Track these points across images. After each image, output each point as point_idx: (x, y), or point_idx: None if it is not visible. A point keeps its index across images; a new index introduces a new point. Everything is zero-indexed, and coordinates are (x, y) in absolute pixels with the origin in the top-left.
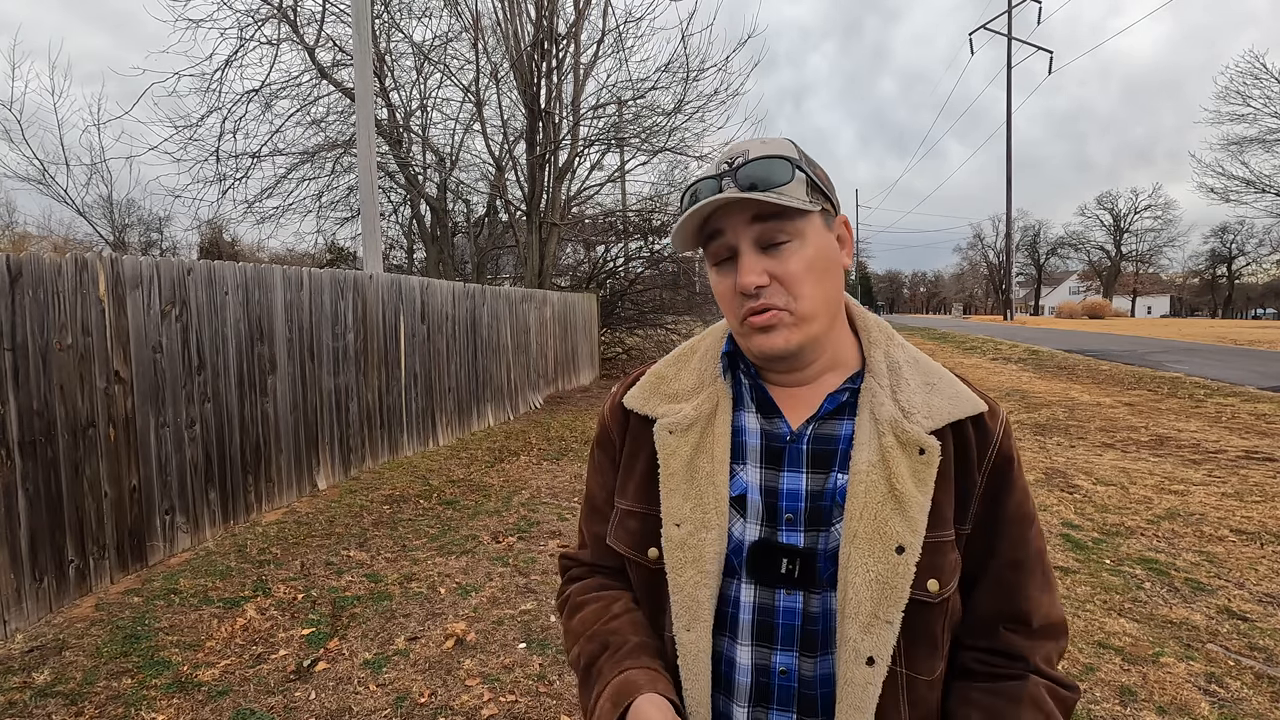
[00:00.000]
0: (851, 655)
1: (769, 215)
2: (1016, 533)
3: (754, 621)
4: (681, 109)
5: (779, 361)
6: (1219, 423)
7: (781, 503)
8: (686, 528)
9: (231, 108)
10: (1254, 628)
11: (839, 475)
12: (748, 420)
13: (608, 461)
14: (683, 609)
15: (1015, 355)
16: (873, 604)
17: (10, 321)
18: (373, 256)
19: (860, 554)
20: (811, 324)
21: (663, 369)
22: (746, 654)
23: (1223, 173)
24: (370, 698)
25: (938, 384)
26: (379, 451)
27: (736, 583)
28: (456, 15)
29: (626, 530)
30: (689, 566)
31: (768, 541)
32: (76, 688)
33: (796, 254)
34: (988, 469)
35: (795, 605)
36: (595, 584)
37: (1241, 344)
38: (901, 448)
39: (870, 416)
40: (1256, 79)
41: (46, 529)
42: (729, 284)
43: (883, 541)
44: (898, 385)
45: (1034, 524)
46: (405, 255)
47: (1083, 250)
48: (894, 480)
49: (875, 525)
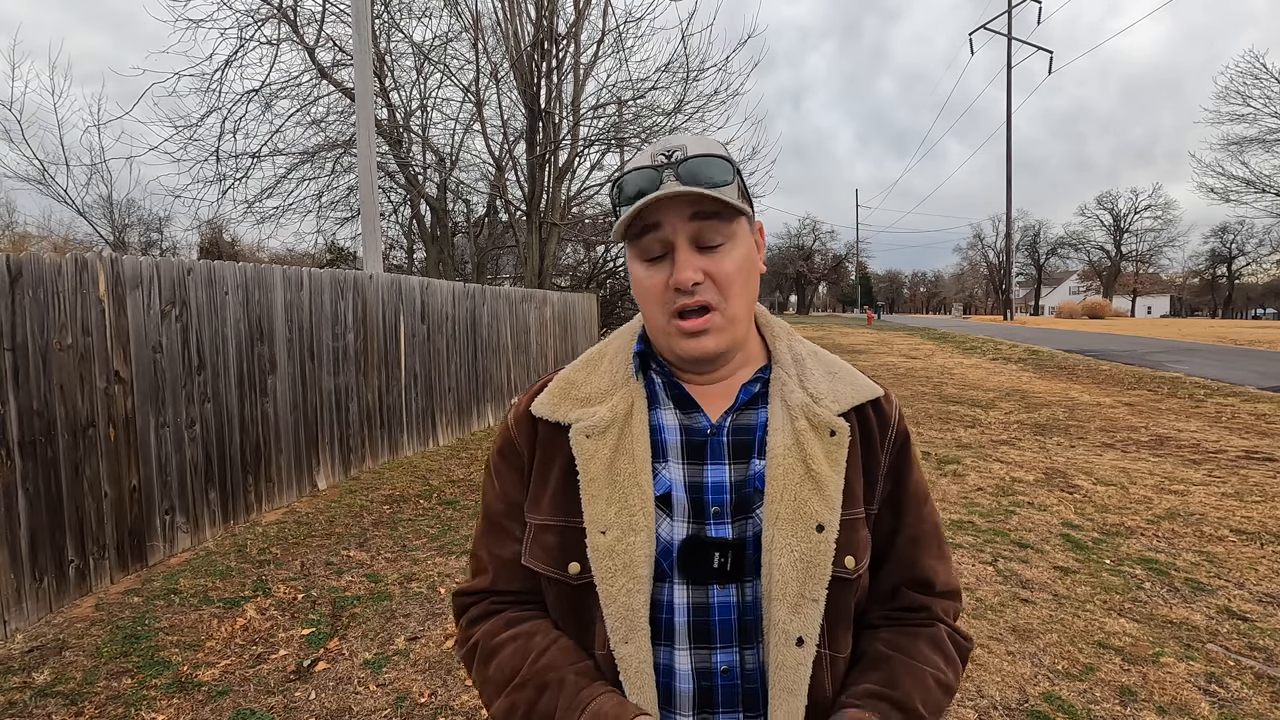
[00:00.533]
0: (781, 638)
1: (708, 214)
2: (916, 509)
3: (690, 624)
4: (681, 109)
5: (704, 365)
6: (1219, 423)
7: (707, 496)
8: (613, 533)
9: (231, 108)
10: (1254, 628)
11: (758, 461)
12: (665, 417)
13: (513, 475)
14: (618, 621)
15: (1015, 355)
16: (799, 584)
17: (10, 321)
18: (373, 256)
19: (783, 535)
20: (738, 326)
21: (571, 374)
22: (685, 659)
23: (1223, 173)
24: (370, 698)
25: (839, 373)
26: (379, 451)
27: (668, 586)
28: (456, 15)
29: (543, 546)
30: (620, 574)
31: (698, 538)
32: (76, 688)
33: (730, 255)
34: (890, 449)
35: (729, 599)
36: (503, 622)
37: (1241, 344)
38: (814, 430)
39: (782, 403)
40: (1256, 79)
41: (46, 529)
42: (659, 279)
43: (803, 521)
44: (804, 374)
45: (929, 500)
46: (405, 255)
47: (1083, 250)
48: (810, 462)
49: (795, 506)
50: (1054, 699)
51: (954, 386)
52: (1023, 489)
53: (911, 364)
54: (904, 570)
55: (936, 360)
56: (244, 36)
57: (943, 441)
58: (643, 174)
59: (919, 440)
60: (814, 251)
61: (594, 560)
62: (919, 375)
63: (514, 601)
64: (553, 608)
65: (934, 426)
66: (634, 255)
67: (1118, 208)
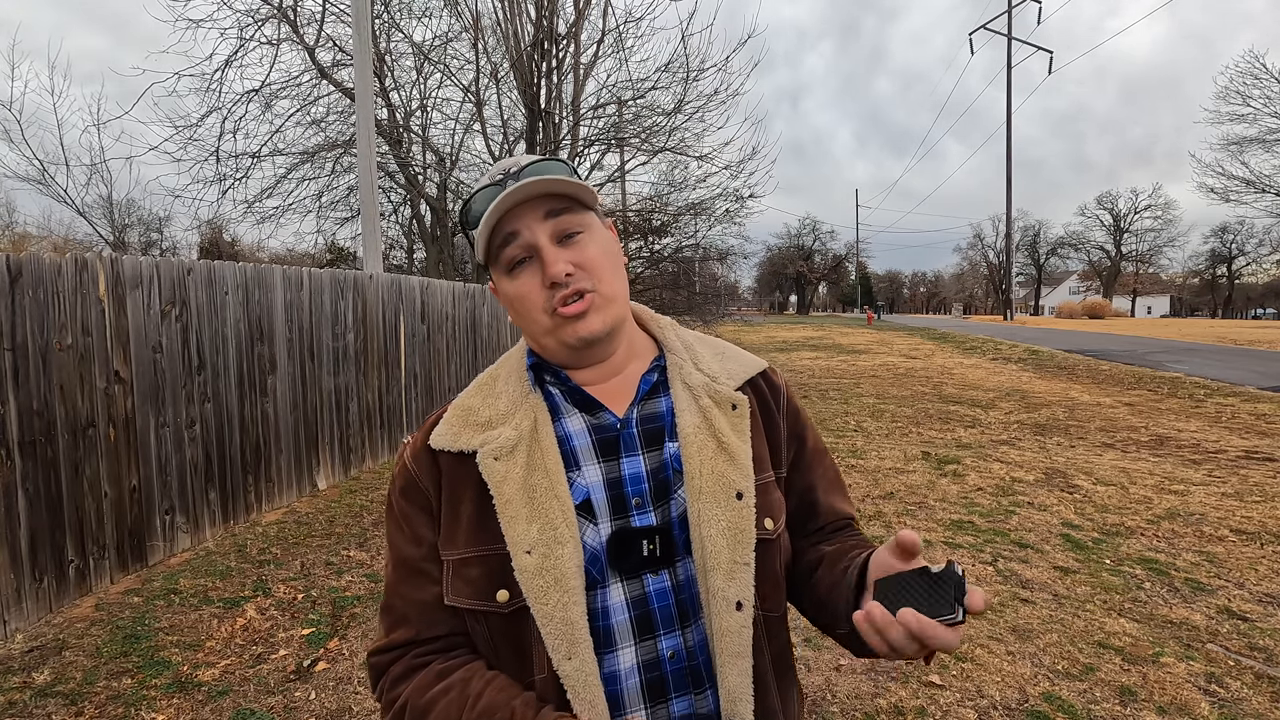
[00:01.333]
0: (722, 605)
1: (560, 210)
2: (821, 461)
3: (630, 619)
4: (681, 109)
5: (594, 348)
6: (1219, 423)
7: (627, 489)
8: (539, 551)
9: (231, 108)
10: (1254, 628)
11: (670, 445)
12: (571, 424)
13: (421, 515)
14: (558, 638)
15: (1015, 355)
16: (730, 550)
17: (10, 321)
18: (373, 256)
19: (709, 507)
20: (616, 305)
21: (466, 401)
22: (630, 655)
23: (1223, 173)
24: (370, 698)
25: (726, 352)
26: (379, 451)
27: (600, 591)
28: (456, 15)
29: (466, 580)
30: (552, 590)
31: (624, 530)
32: (76, 688)
33: (592, 243)
34: (784, 413)
35: (664, 584)
36: (433, 675)
37: (1241, 344)
38: (717, 406)
39: (684, 386)
40: (1256, 79)
41: (46, 529)
42: (532, 283)
43: (724, 491)
44: (696, 358)
45: (828, 452)
46: (405, 255)
47: (1083, 250)
48: (719, 435)
49: (715, 478)
50: (1054, 699)
51: (954, 386)
52: (1023, 489)
53: (911, 364)
54: (825, 515)
55: (936, 360)
56: (244, 36)
57: (943, 441)
58: (488, 191)
59: (919, 440)
60: (814, 251)
61: (523, 582)
62: (919, 375)
63: (441, 650)
64: (483, 645)
65: (934, 426)
66: (499, 274)
67: (1118, 208)
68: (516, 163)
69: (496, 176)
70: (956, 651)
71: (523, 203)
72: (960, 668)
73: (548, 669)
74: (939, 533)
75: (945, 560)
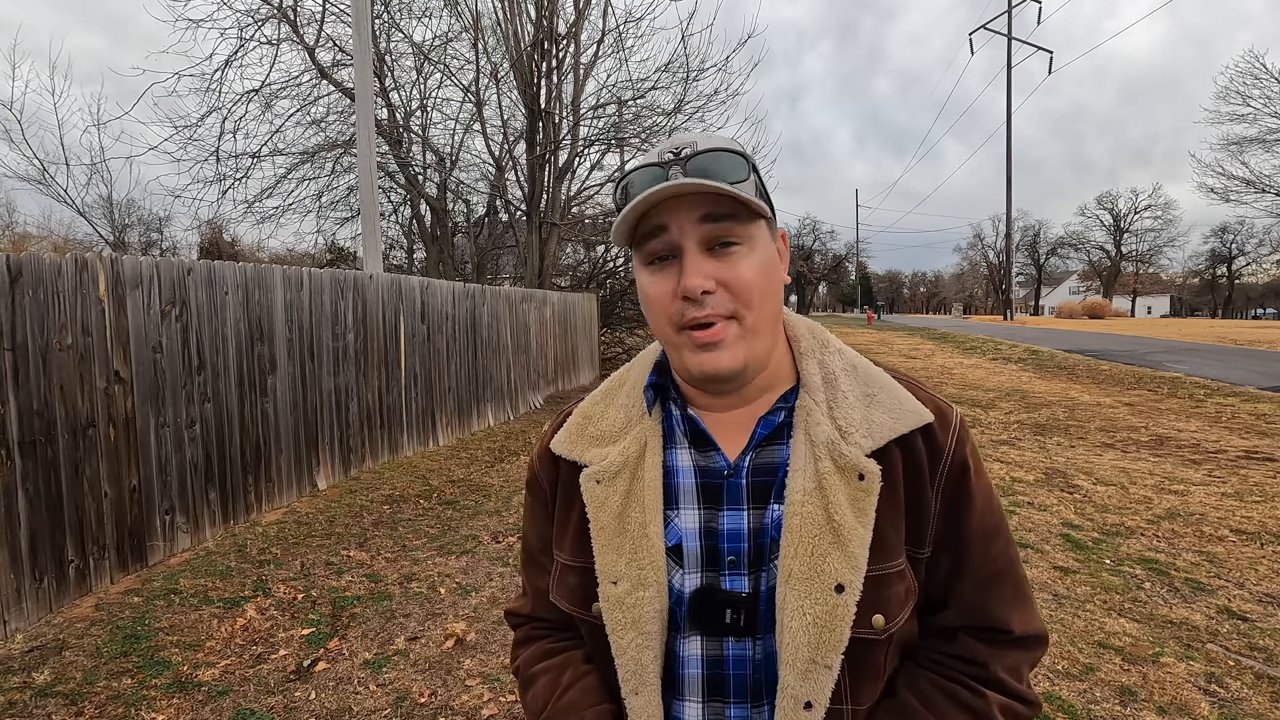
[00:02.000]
0: (790, 702)
1: (721, 216)
2: (981, 549)
3: (703, 676)
4: (681, 109)
5: (721, 383)
6: (1219, 423)
7: (723, 545)
8: (624, 585)
9: (231, 108)
10: (1254, 628)
11: (775, 507)
12: (680, 458)
13: (540, 509)
14: (628, 673)
15: (1015, 355)
16: (810, 649)
17: (10, 321)
18: (373, 256)
19: (796, 596)
20: (758, 339)
21: (589, 407)
22: (696, 711)
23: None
24: (370, 698)
25: (878, 394)
26: (379, 451)
27: (681, 638)
28: (456, 15)
29: (567, 586)
30: (629, 629)
31: (710, 591)
32: (76, 688)
33: (747, 259)
34: (941, 485)
35: (745, 653)
36: (542, 650)
37: (1241, 344)
38: (840, 473)
39: (805, 438)
40: (1256, 79)
41: (46, 529)
42: (666, 287)
43: (820, 581)
44: (834, 400)
45: (1000, 536)
46: (405, 255)
47: (1083, 250)
48: (831, 510)
49: (811, 563)
50: (1054, 699)
51: (954, 386)
52: (1023, 489)
53: (911, 364)
54: (966, 615)
55: (936, 360)
56: (244, 36)
57: None
58: (648, 172)
59: None
60: (814, 251)
61: (605, 610)
62: (919, 375)
63: (554, 629)
64: (588, 642)
65: None
66: (638, 262)
67: (1118, 208)
68: (690, 144)
69: (665, 156)
70: None
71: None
72: None
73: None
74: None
75: None
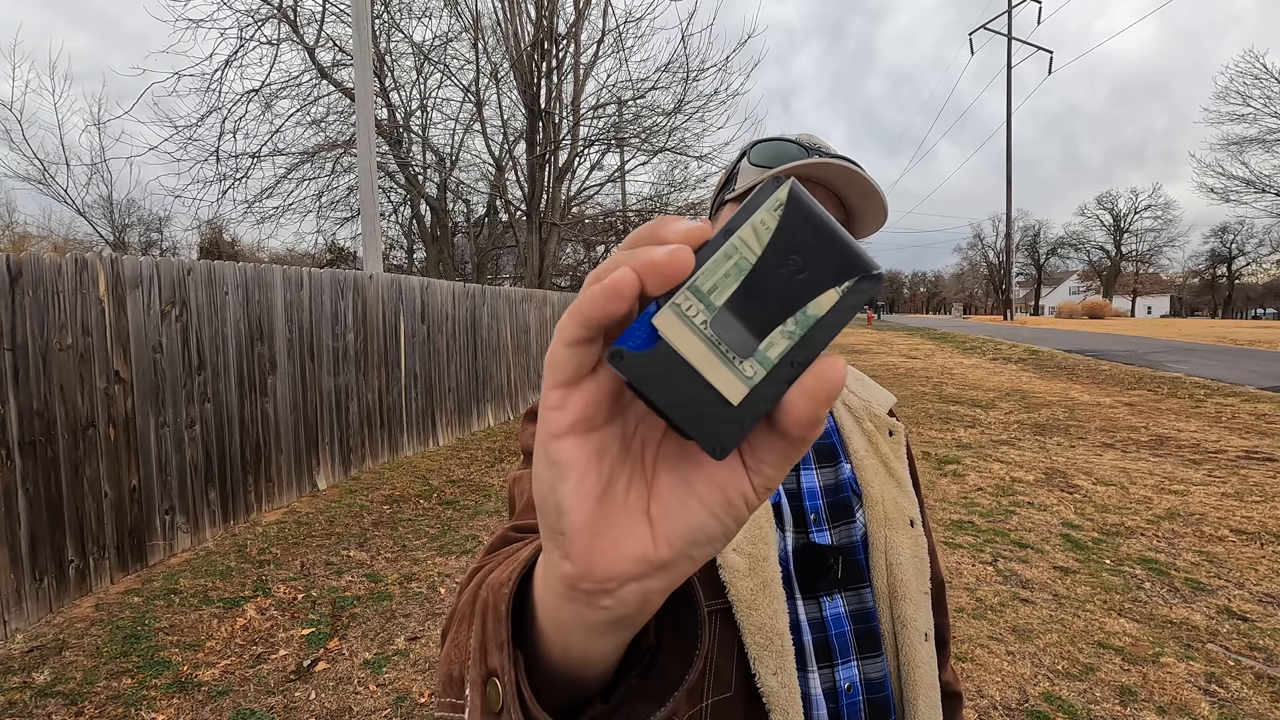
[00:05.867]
0: (914, 635)
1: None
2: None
3: (814, 641)
4: (681, 109)
5: None
6: (1219, 423)
7: (806, 503)
8: (745, 550)
9: (231, 108)
10: (1254, 628)
11: (845, 465)
12: None
13: None
14: (765, 650)
15: (1015, 355)
16: (916, 580)
17: (10, 321)
18: (373, 256)
19: (896, 534)
20: None
21: None
22: (816, 682)
23: (1222, 173)
24: (370, 698)
25: (864, 380)
26: (379, 451)
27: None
28: (456, 15)
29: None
30: (761, 594)
31: (811, 545)
32: (76, 688)
33: None
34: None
35: (839, 610)
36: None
37: (1241, 344)
38: (879, 431)
39: (844, 407)
40: (1256, 79)
41: (46, 529)
42: None
43: (903, 519)
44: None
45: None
46: (405, 255)
47: (1083, 250)
48: (886, 462)
49: (894, 506)
50: (1054, 699)
51: (954, 386)
52: (1023, 489)
53: (911, 364)
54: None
55: (936, 360)
56: (244, 36)
57: (943, 441)
58: (789, 146)
59: (919, 440)
60: None
61: (732, 583)
62: (919, 375)
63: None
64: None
65: (934, 426)
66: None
67: (1117, 208)
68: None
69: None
70: (956, 651)
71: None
72: (960, 667)
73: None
74: (939, 533)
75: None
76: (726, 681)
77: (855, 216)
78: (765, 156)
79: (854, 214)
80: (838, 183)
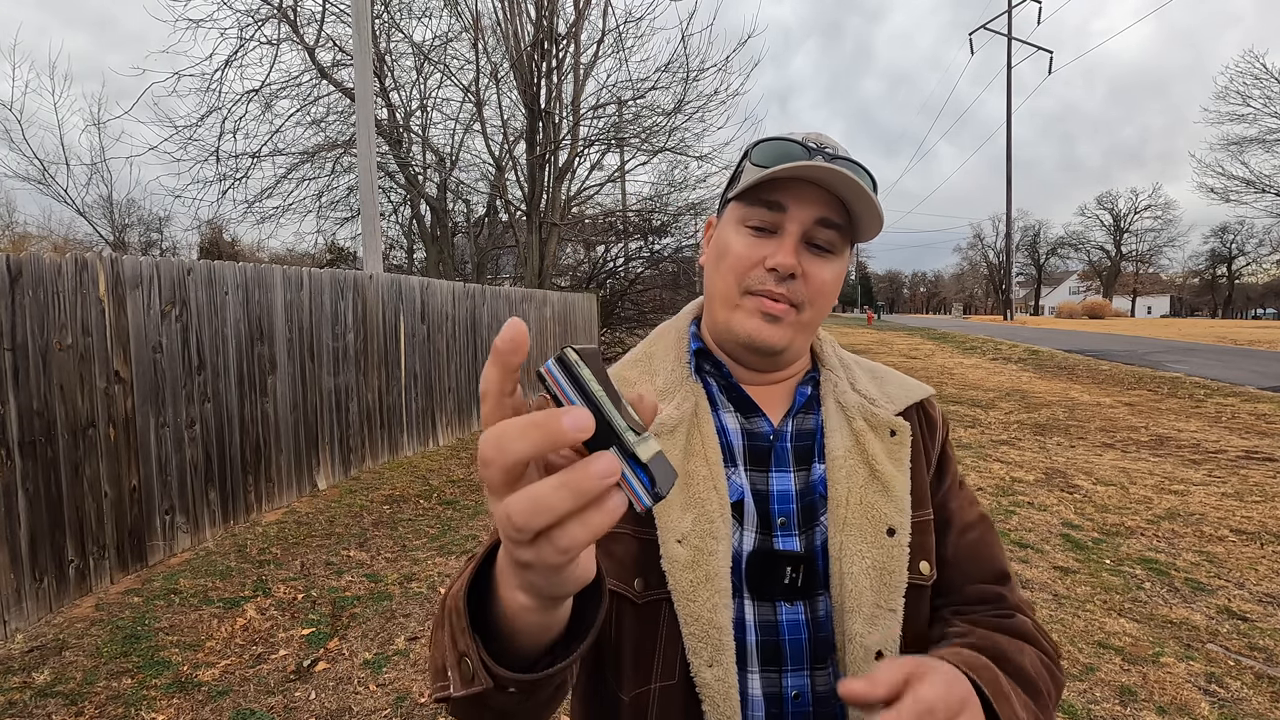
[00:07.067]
0: (860, 652)
1: (833, 224)
2: (969, 505)
3: (759, 644)
4: (681, 109)
5: (763, 355)
6: (1219, 423)
7: (773, 506)
8: (692, 542)
9: (231, 108)
10: (1254, 628)
11: (818, 467)
12: (727, 420)
13: None
14: (701, 642)
15: (1015, 355)
16: (874, 593)
17: (10, 321)
18: (373, 256)
19: (853, 540)
20: (804, 334)
21: (622, 372)
22: (758, 682)
23: (1222, 173)
24: (370, 698)
25: (884, 376)
26: (379, 451)
27: (740, 601)
28: (456, 15)
29: (608, 555)
30: (702, 587)
31: (768, 550)
32: (76, 688)
33: (832, 267)
34: (939, 450)
35: (798, 617)
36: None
37: (1241, 344)
38: (873, 430)
39: (836, 405)
40: (1256, 79)
41: (46, 529)
42: (755, 252)
43: (873, 525)
44: (853, 378)
45: (974, 498)
46: (405, 255)
47: (1083, 250)
48: (873, 463)
49: (863, 509)
50: None
51: (954, 386)
52: (1023, 489)
53: (911, 364)
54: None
55: (936, 360)
56: (244, 36)
57: None
58: (792, 146)
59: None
60: None
61: (672, 574)
62: (919, 375)
63: None
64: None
65: None
66: (734, 217)
67: (1117, 208)
68: (833, 146)
69: (810, 143)
70: None
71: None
72: None
73: (678, 675)
74: None
75: None
76: (671, 669)
77: (855, 220)
78: (768, 156)
79: (855, 218)
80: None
